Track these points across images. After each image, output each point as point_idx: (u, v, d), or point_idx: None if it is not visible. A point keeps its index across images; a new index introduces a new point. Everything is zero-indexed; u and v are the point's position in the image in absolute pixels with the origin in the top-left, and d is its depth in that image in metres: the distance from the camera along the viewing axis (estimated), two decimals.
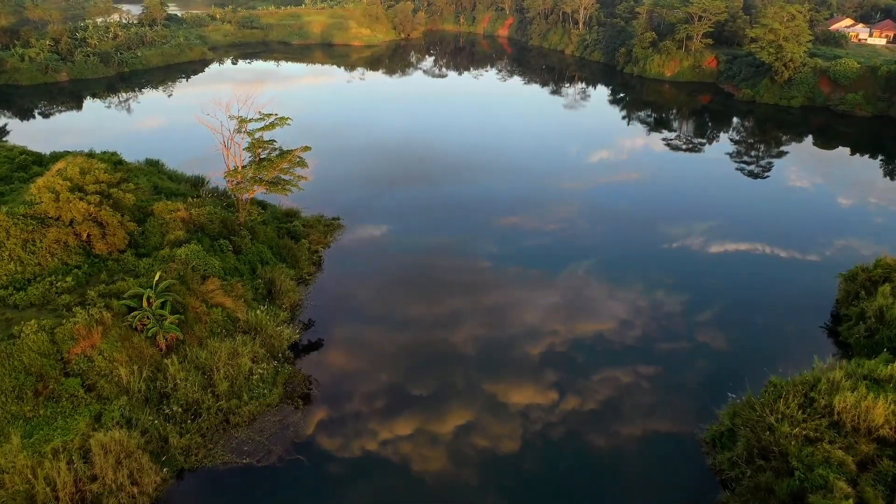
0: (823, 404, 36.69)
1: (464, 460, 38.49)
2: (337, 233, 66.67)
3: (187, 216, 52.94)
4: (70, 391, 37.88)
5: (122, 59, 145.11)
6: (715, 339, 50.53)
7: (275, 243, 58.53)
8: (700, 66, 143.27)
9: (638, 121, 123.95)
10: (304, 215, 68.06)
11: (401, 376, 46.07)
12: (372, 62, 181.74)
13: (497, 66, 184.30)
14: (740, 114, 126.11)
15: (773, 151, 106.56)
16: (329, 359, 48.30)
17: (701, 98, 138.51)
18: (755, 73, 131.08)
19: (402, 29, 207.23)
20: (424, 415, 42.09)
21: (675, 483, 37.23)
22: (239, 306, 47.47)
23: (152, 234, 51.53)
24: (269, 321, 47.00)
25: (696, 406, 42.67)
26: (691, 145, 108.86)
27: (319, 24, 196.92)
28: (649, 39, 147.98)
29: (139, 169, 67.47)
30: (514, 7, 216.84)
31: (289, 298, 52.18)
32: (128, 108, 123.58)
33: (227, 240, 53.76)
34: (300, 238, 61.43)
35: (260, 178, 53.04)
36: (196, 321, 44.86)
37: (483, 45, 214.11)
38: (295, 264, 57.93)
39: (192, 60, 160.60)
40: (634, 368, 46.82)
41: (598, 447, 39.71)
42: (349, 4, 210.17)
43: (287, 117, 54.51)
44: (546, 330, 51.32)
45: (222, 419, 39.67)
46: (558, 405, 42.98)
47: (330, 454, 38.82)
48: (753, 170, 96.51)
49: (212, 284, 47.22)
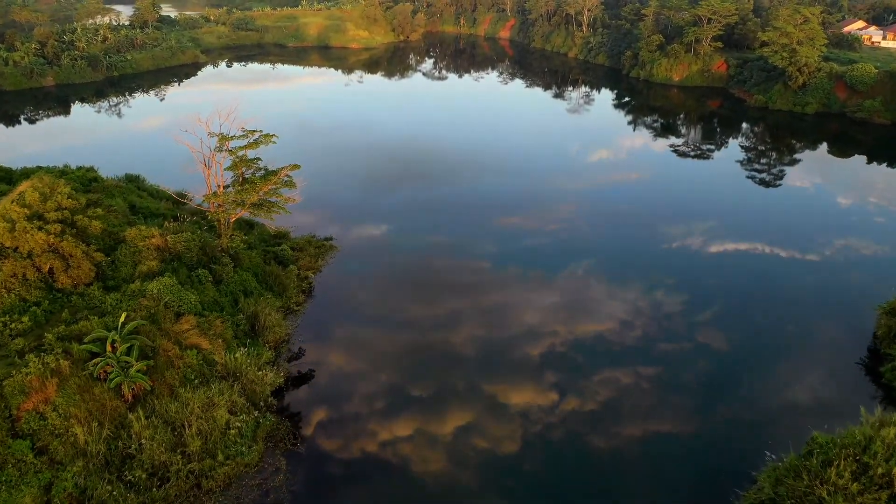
0: (881, 472, 31.96)
1: (464, 462, 38.17)
2: (329, 255, 61.89)
3: (162, 243, 48.15)
4: (18, 456, 33.04)
5: (110, 63, 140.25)
6: (742, 376, 46.07)
7: (260, 270, 53.74)
8: (709, 70, 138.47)
9: (644, 126, 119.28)
10: (294, 236, 63.38)
11: (400, 377, 45.55)
12: (370, 65, 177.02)
13: (498, 68, 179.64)
14: (752, 120, 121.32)
15: (786, 159, 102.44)
16: (328, 360, 47.30)
17: (710, 103, 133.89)
18: (767, 77, 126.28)
19: (401, 31, 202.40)
20: (424, 416, 41.54)
21: (675, 484, 36.67)
22: (217, 347, 42.64)
23: (123, 264, 46.70)
24: (251, 364, 42.19)
25: (736, 456, 38.31)
26: (700, 152, 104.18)
27: (316, 26, 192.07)
28: (656, 42, 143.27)
29: (116, 186, 62.69)
30: (515, 8, 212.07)
31: (274, 334, 47.40)
32: (115, 114, 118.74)
33: (207, 269, 48.97)
34: (289, 263, 56.63)
35: (243, 201, 48.18)
36: (167, 366, 40.05)
37: (484, 48, 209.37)
38: (282, 293, 53.16)
39: (183, 64, 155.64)
40: (641, 375, 43.80)
41: (598, 448, 39.29)
42: (346, 6, 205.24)
43: (272, 135, 49.74)
44: (546, 330, 50.84)
45: (193, 484, 34.84)
46: (558, 406, 42.58)
47: (329, 456, 38.32)
48: (765, 178, 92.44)
49: (186, 323, 42.42)
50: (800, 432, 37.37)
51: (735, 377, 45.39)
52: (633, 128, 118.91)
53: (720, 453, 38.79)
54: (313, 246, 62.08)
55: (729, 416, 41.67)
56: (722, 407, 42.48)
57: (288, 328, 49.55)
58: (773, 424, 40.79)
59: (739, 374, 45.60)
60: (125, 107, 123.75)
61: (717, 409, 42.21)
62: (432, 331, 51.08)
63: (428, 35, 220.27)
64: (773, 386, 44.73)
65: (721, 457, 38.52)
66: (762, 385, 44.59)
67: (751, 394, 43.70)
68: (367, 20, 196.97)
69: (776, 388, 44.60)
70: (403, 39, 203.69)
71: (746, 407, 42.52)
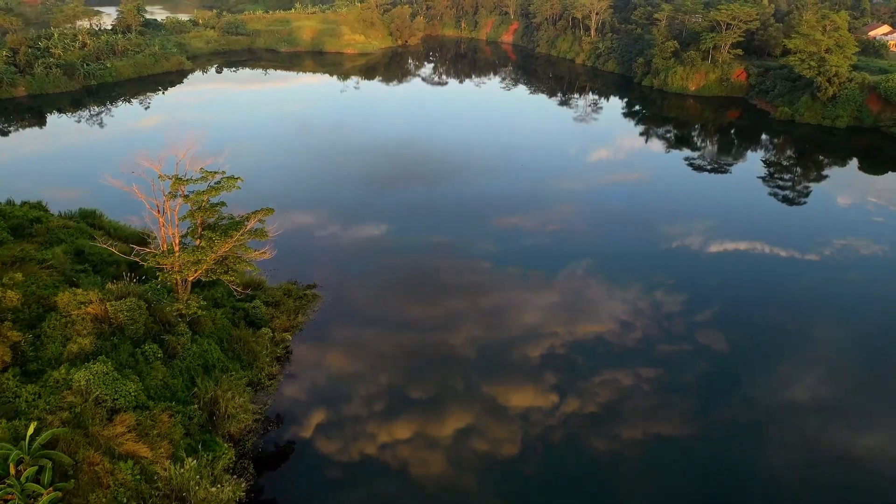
0: None
1: (463, 464, 37.82)
2: (312, 307, 53.07)
3: (101, 312, 39.22)
4: None
5: (88, 71, 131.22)
6: (742, 377, 45.71)
7: (227, 335, 44.89)
8: (728, 79, 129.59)
9: (658, 137, 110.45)
10: (272, 282, 54.55)
11: (398, 379, 45.09)
12: (366, 71, 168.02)
13: (501, 73, 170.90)
14: (776, 133, 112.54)
15: (813, 175, 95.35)
16: (326, 361, 47.04)
17: (729, 114, 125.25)
18: (792, 88, 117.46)
19: (399, 35, 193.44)
20: (423, 418, 41.07)
21: (676, 487, 36.31)
22: (160, 454, 33.70)
23: (51, 339, 37.78)
24: (203, 477, 33.30)
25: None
26: (717, 166, 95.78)
27: (310, 30, 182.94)
28: (671, 49, 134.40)
29: (63, 227, 53.74)
30: (519, 11, 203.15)
31: (238, 423, 38.56)
32: (88, 128, 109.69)
33: (158, 341, 40.10)
34: (262, 324, 47.76)
35: (199, 261, 39.28)
36: (93, 487, 31.10)
37: (486, 52, 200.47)
38: (253, 362, 44.35)
39: (168, 71, 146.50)
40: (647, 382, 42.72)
41: (599, 451, 39.01)
42: (342, 9, 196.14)
43: (236, 178, 40.86)
44: (546, 331, 50.75)
45: None
46: (559, 408, 42.31)
47: (328, 458, 37.75)
48: (789, 195, 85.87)
49: (122, 424, 33.50)
50: (800, 432, 39.76)
51: (736, 378, 45.14)
52: (646, 140, 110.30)
53: (721, 455, 38.52)
54: (293, 297, 53.17)
55: (730, 418, 41.37)
56: (723, 408, 42.23)
57: (256, 412, 40.69)
58: (774, 425, 40.74)
59: (740, 375, 45.37)
60: (98, 121, 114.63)
61: (718, 411, 41.98)
62: (431, 332, 50.77)
63: (427, 39, 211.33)
64: (773, 387, 44.45)
65: (722, 459, 38.27)
66: (763, 386, 44.39)
67: (751, 395, 43.49)
68: (363, 24, 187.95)
69: (777, 388, 44.32)
70: (402, 44, 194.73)
71: (747, 408, 42.24)
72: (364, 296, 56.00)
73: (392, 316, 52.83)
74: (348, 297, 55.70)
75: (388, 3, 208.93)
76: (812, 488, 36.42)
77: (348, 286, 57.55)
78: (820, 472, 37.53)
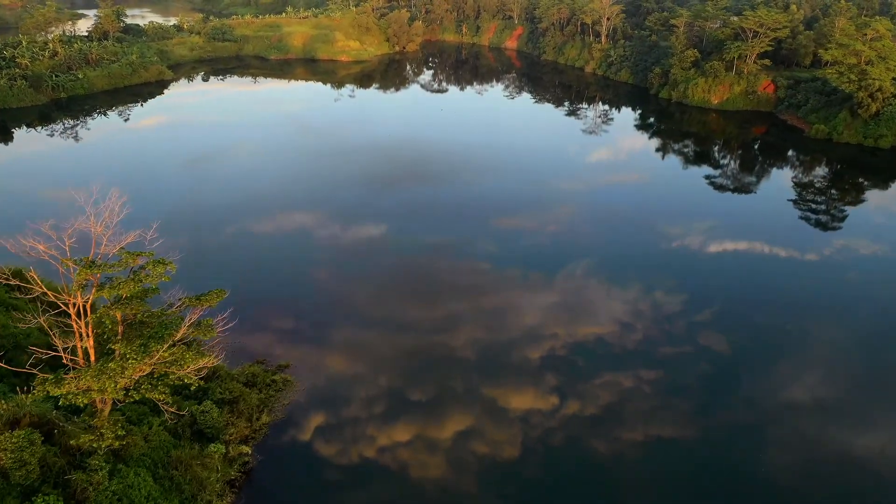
0: None
1: (463, 467, 37.29)
2: (282, 399, 42.44)
3: None
4: None
5: (57, 83, 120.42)
6: (743, 378, 45.69)
7: (163, 456, 34.28)
8: (754, 91, 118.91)
9: (683, 158, 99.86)
10: (232, 366, 43.91)
11: (397, 381, 44.64)
12: (361, 79, 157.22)
13: (504, 80, 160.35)
14: (810, 152, 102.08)
15: (850, 197, 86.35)
16: (325, 362, 46.59)
17: (754, 129, 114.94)
18: (827, 102, 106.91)
19: (397, 41, 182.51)
20: (423, 421, 40.73)
21: (677, 489, 35.74)
22: None
23: None
24: None
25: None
26: (741, 186, 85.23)
27: (301, 36, 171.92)
28: (691, 59, 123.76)
29: None
30: (524, 16, 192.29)
31: None
32: (66, 135, 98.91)
33: (61, 485, 29.49)
34: (213, 435, 37.10)
35: (116, 382, 28.58)
36: None
37: (488, 58, 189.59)
38: (197, 493, 33.74)
39: (146, 82, 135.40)
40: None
41: (599, 453, 38.44)
42: (336, 13, 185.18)
43: (167, 262, 30.18)
44: (546, 333, 50.52)
45: None
46: (559, 410, 41.99)
47: (327, 461, 37.30)
48: (823, 219, 78.26)
49: None
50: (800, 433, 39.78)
51: (736, 379, 45.12)
52: (684, 164, 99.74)
53: (722, 457, 38.32)
54: (259, 386, 42.50)
55: (730, 419, 41.21)
56: (723, 409, 42.18)
57: None
58: (775, 426, 40.57)
59: (740, 376, 45.31)
60: (63, 139, 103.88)
61: (719, 412, 41.90)
62: (430, 333, 50.49)
63: (426, 45, 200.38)
64: (774, 387, 44.29)
65: (723, 460, 38.08)
66: (763, 386, 44.35)
67: (752, 395, 43.43)
68: (358, 29, 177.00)
69: (777, 389, 44.10)
70: (399, 50, 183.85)
71: (748, 409, 42.14)
72: (349, 378, 45.63)
73: (389, 318, 51.30)
74: (330, 378, 45.24)
75: (384, 7, 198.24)
76: (812, 488, 36.26)
77: (331, 361, 47.22)
78: (820, 472, 37.38)
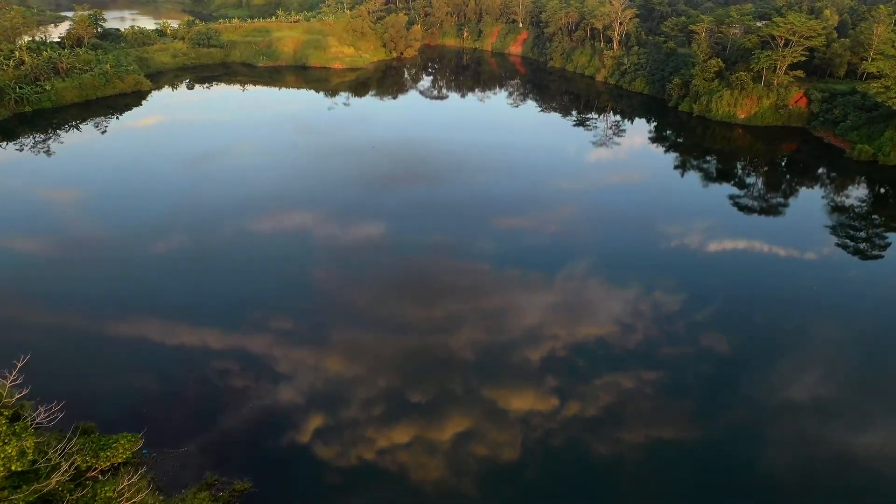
0: None
1: (463, 469, 37.08)
2: None
3: None
4: None
5: (21, 95, 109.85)
6: (743, 378, 45.17)
7: None
8: (785, 105, 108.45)
9: (712, 187, 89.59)
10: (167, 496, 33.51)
11: (397, 382, 44.31)
12: (355, 87, 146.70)
13: (508, 88, 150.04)
14: (851, 174, 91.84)
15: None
16: (325, 363, 46.06)
17: (785, 146, 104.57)
18: (869, 119, 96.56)
19: (394, 46, 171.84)
20: (423, 422, 40.52)
21: (678, 490, 35.83)
22: None
23: None
24: None
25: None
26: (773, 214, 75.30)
27: (292, 42, 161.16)
28: (714, 69, 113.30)
29: None
30: (529, 20, 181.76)
31: None
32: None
33: None
34: None
35: None
36: None
37: (491, 64, 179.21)
38: None
39: (122, 93, 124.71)
40: None
41: (600, 455, 38.23)
42: (329, 17, 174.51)
43: None
44: (546, 333, 50.08)
45: None
46: (559, 411, 41.73)
47: (326, 463, 37.28)
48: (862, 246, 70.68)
49: None
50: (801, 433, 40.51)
51: (736, 379, 44.88)
52: (705, 183, 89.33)
53: (722, 457, 38.20)
54: None
55: (731, 420, 40.97)
56: (724, 410, 41.98)
57: None
58: (775, 426, 40.64)
59: (741, 376, 45.10)
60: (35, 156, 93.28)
61: (719, 413, 41.70)
62: (430, 334, 49.91)
63: (425, 50, 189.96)
64: (774, 388, 43.97)
65: (723, 461, 37.98)
66: (763, 387, 44.16)
67: (752, 396, 43.25)
68: (353, 34, 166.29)
69: (777, 389, 43.81)
70: (397, 56, 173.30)
71: (748, 409, 41.88)
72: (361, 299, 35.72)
73: (389, 319, 50.88)
74: (329, 380, 43.30)
75: (381, 11, 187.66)
76: (812, 489, 35.90)
77: (330, 362, 38.98)
78: (820, 472, 37.09)
